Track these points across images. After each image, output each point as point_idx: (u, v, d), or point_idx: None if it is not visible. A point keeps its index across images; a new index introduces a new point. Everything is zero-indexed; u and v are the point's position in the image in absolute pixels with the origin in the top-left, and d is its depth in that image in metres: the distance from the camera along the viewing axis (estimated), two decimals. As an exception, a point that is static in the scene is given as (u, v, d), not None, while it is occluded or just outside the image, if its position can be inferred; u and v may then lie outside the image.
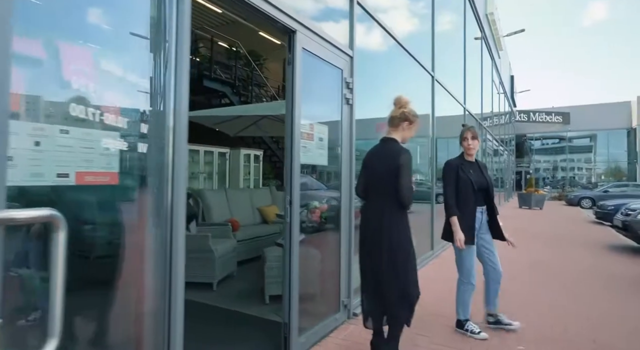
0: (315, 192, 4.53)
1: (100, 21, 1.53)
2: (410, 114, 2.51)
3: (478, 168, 3.09)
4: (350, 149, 3.32)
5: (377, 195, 2.44)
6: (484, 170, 3.11)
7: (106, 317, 1.55)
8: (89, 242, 1.48)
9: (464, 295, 3.05)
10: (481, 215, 3.06)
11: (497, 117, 17.16)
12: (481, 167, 3.12)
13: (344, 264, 3.24)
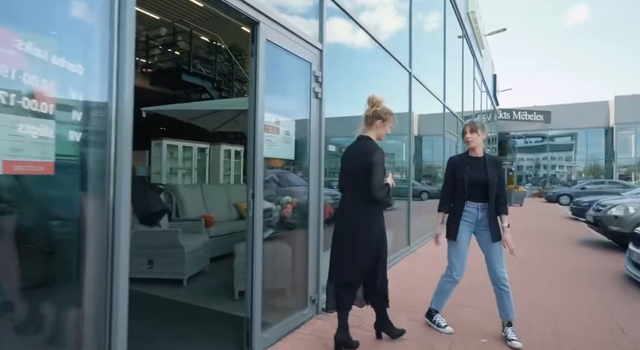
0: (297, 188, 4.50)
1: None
2: (383, 112, 2.63)
3: (482, 164, 2.89)
4: (320, 143, 3.29)
5: (351, 191, 2.60)
6: (489, 166, 2.87)
7: (35, 318, 1.49)
8: (18, 236, 1.42)
9: (442, 286, 3.10)
10: (477, 212, 2.90)
11: (482, 115, 17.39)
12: (487, 163, 2.89)
13: (312, 259, 3.22)
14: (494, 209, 2.88)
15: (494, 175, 2.88)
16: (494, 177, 2.87)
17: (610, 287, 4.24)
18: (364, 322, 3.08)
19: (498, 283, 2.86)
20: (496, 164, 2.93)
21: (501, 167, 2.92)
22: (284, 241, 3.37)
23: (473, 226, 2.94)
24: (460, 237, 2.95)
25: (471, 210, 2.94)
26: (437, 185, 9.50)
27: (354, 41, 4.76)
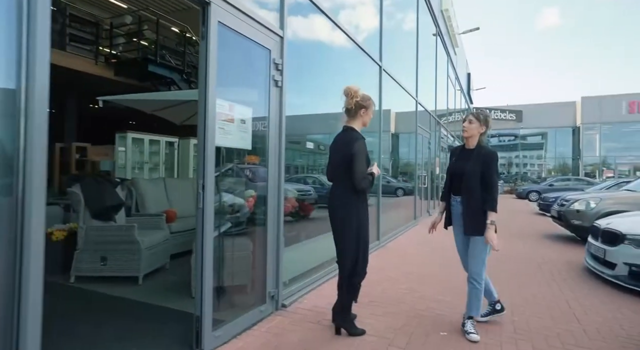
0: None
1: None
2: (364, 100, 2.69)
3: (469, 155, 2.76)
4: (280, 134, 3.17)
5: (336, 180, 2.74)
6: (474, 158, 2.72)
7: None
8: None
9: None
10: (457, 205, 2.80)
11: (457, 113, 17.66)
12: (474, 155, 2.73)
13: (271, 255, 3.10)
14: (474, 203, 2.68)
15: (475, 167, 2.68)
16: (474, 169, 2.68)
17: (570, 279, 4.32)
18: (323, 318, 3.00)
19: (469, 277, 2.79)
20: (485, 157, 2.69)
21: (491, 161, 2.68)
22: (244, 236, 3.25)
23: (459, 220, 2.83)
24: (453, 231, 2.94)
25: (454, 203, 2.87)
26: (413, 182, 9.55)
27: (321, 33, 4.66)
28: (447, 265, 4.79)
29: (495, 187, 2.69)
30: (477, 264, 2.73)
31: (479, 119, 2.77)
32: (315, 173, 7.02)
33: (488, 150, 2.75)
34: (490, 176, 2.68)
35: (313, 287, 3.74)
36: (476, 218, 2.68)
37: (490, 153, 2.73)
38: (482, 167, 2.68)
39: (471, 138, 2.79)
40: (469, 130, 2.78)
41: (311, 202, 5.71)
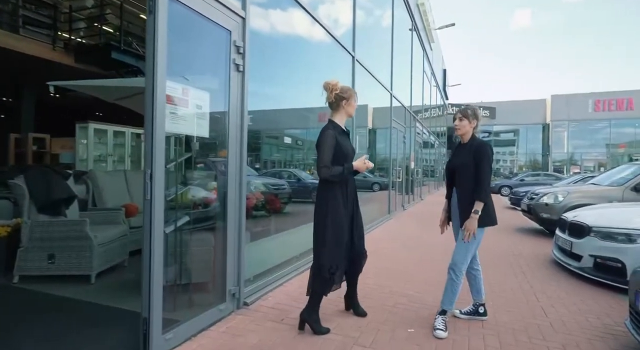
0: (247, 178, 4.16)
1: None
2: (343, 92, 2.70)
3: (464, 150, 2.76)
4: (242, 121, 2.98)
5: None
6: (466, 151, 2.73)
7: None
8: None
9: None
10: (454, 198, 2.84)
11: (432, 109, 17.82)
12: (467, 148, 2.74)
13: (232, 250, 2.92)
14: (464, 195, 2.68)
15: (466, 160, 2.69)
16: (465, 162, 2.69)
17: (538, 272, 4.34)
18: (287, 316, 2.85)
19: (450, 268, 2.76)
20: (476, 148, 2.68)
21: (481, 152, 2.64)
22: (204, 230, 3.05)
23: (457, 213, 2.79)
24: (452, 225, 2.93)
25: (454, 196, 2.86)
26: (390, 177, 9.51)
27: (291, 19, 4.47)
28: (419, 260, 4.74)
29: (485, 178, 2.63)
30: (460, 255, 2.69)
31: (469, 115, 2.76)
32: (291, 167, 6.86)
33: (479, 142, 2.74)
34: (479, 166, 2.64)
35: (280, 284, 3.59)
36: (466, 210, 2.65)
37: (480, 145, 2.71)
38: (475, 159, 2.66)
39: (465, 134, 2.79)
40: (462, 127, 2.77)
41: (285, 197, 5.56)
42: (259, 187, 4.52)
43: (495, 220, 2.70)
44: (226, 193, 2.89)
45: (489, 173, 2.65)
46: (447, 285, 2.74)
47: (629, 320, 2.50)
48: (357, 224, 2.76)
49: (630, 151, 26.27)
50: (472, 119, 2.76)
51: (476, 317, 2.90)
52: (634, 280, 2.44)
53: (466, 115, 2.75)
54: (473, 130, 2.78)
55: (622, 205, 5.05)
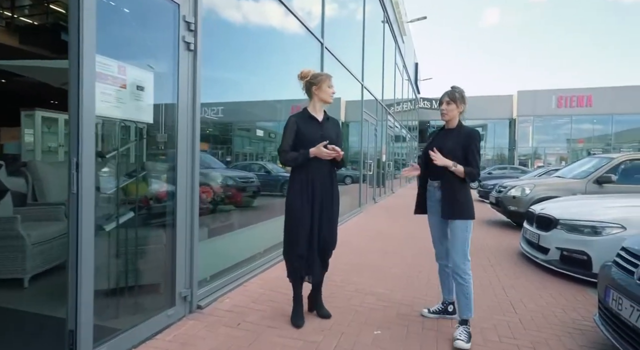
0: (209, 171, 3.85)
1: None
2: (313, 78, 2.62)
3: (449, 135, 2.54)
4: (194, 108, 2.68)
5: None
6: (453, 137, 2.49)
7: None
8: None
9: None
10: (434, 191, 2.58)
11: (404, 103, 17.86)
12: (454, 134, 2.52)
13: (182, 249, 2.63)
14: (453, 185, 2.45)
15: (455, 145, 2.45)
16: (454, 147, 2.45)
17: (506, 265, 4.31)
18: (244, 320, 2.61)
19: (453, 272, 2.52)
20: (467, 135, 2.47)
21: (473, 139, 2.46)
22: (151, 227, 2.74)
23: (438, 207, 2.56)
24: (429, 220, 2.71)
25: (430, 189, 2.64)
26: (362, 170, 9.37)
27: (254, 4, 4.17)
28: (388, 254, 4.61)
29: (478, 161, 2.47)
30: (458, 256, 2.46)
31: (456, 99, 2.53)
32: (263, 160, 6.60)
33: (469, 129, 2.54)
34: (474, 153, 2.45)
35: (240, 284, 3.33)
36: (456, 200, 2.46)
37: (472, 131, 2.52)
38: (464, 147, 2.45)
39: (452, 119, 2.57)
40: (449, 112, 2.54)
41: (253, 190, 5.29)
42: (219, 179, 4.22)
43: (474, 215, 2.52)
44: (176, 186, 2.60)
45: (479, 159, 2.50)
46: (457, 293, 2.50)
47: (597, 315, 2.43)
48: (326, 216, 2.58)
49: (588, 146, 27.53)
50: (460, 103, 2.53)
51: (445, 315, 2.75)
52: (603, 275, 2.37)
53: (454, 99, 2.52)
54: (460, 115, 2.57)
55: (587, 197, 5.11)
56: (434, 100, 28.78)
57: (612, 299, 2.16)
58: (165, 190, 2.75)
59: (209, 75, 3.08)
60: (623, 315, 2.02)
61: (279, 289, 3.22)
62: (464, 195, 2.48)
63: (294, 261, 2.55)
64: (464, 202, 2.46)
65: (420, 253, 4.66)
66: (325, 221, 2.58)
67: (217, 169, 4.33)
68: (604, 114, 26.75)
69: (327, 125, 2.67)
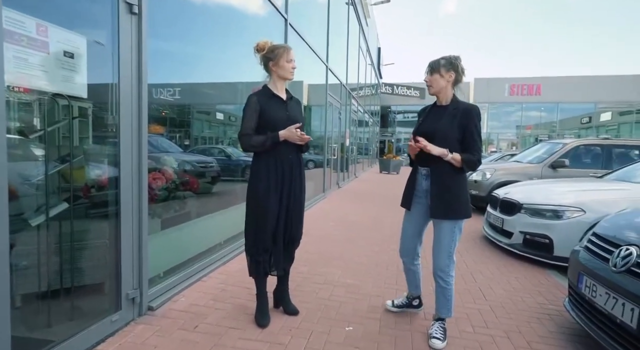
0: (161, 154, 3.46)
1: None
2: (269, 51, 2.32)
3: (442, 113, 2.17)
4: (139, 82, 2.30)
5: None
6: (448, 116, 2.12)
7: None
8: None
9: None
10: (422, 180, 2.24)
11: (367, 88, 17.76)
12: (448, 112, 2.14)
13: (128, 244, 2.30)
14: (444, 176, 2.13)
15: (449, 126, 2.09)
16: (448, 128, 2.09)
17: (472, 249, 4.32)
18: (202, 321, 2.35)
19: (434, 271, 2.25)
20: (464, 113, 2.10)
21: (473, 117, 2.10)
22: (90, 219, 2.37)
23: (423, 199, 2.26)
24: (409, 211, 2.36)
25: (418, 177, 2.28)
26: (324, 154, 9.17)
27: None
28: (355, 242, 4.48)
29: (480, 143, 2.14)
30: (442, 257, 2.19)
31: (440, 66, 2.14)
32: (223, 144, 6.22)
33: (467, 105, 2.15)
34: (473, 134, 2.10)
35: (198, 279, 3.04)
36: (446, 196, 2.12)
37: (471, 108, 2.14)
38: (461, 127, 2.10)
39: (441, 93, 2.19)
40: (433, 83, 2.17)
41: (213, 175, 4.94)
42: (174, 164, 3.84)
43: (470, 212, 2.21)
44: (119, 172, 2.25)
45: (481, 143, 2.14)
46: (437, 292, 2.27)
47: (567, 301, 2.42)
48: (295, 205, 2.36)
49: (535, 132, 29.14)
50: (447, 71, 2.13)
51: (409, 309, 2.57)
52: (575, 261, 2.34)
53: (437, 68, 2.13)
54: (452, 86, 2.19)
55: (546, 182, 5.21)
56: (395, 86, 29.04)
57: (586, 286, 2.13)
58: (106, 177, 2.38)
59: (160, 48, 2.71)
60: (598, 303, 1.99)
61: (241, 283, 2.98)
62: (459, 188, 2.14)
63: (259, 256, 2.31)
64: (458, 197, 2.13)
65: (388, 240, 4.58)
66: (293, 210, 2.36)
67: (173, 153, 3.95)
68: (551, 102, 28.34)
69: (291, 104, 2.41)
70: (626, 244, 2.00)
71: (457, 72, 2.17)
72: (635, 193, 3.82)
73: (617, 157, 6.48)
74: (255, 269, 2.34)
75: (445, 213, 2.14)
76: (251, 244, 2.32)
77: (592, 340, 2.25)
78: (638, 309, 1.72)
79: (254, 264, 2.34)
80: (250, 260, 2.38)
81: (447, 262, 2.21)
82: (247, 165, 5.73)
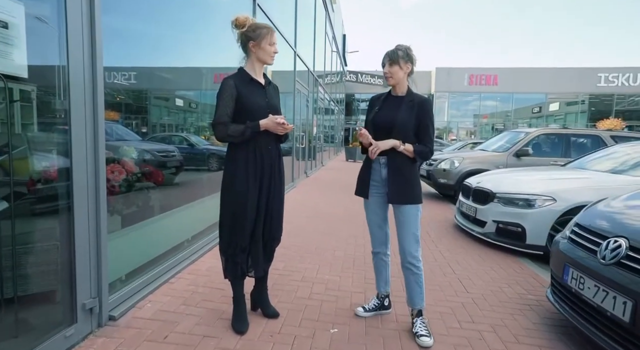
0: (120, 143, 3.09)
1: None
2: (251, 30, 2.06)
3: (399, 103, 2.17)
4: (93, 66, 1.98)
5: None
6: (406, 106, 2.14)
7: None
8: None
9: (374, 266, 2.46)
10: (380, 168, 2.20)
11: (332, 75, 17.55)
12: (405, 102, 2.16)
13: (83, 246, 2.01)
14: (403, 164, 2.14)
15: (408, 117, 2.12)
16: (407, 119, 2.11)
17: (445, 239, 4.33)
18: (173, 330, 2.12)
19: (403, 260, 2.20)
20: (421, 105, 2.14)
21: (428, 109, 2.16)
22: (35, 220, 2.05)
23: (381, 187, 2.22)
24: (366, 201, 2.31)
25: (375, 166, 2.24)
26: (291, 143, 8.92)
27: None
28: (328, 234, 4.35)
29: (433, 136, 2.18)
30: (410, 242, 2.16)
31: (398, 58, 2.13)
32: (184, 132, 5.82)
33: (422, 97, 2.18)
34: (428, 126, 2.15)
35: (164, 281, 2.77)
36: (406, 182, 2.14)
37: (425, 101, 2.18)
38: (417, 118, 2.13)
39: (399, 84, 2.19)
40: (394, 74, 2.15)
41: (175, 165, 4.58)
42: (134, 154, 3.48)
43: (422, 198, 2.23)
44: (71, 165, 1.94)
45: (434, 134, 2.20)
46: (409, 282, 2.20)
47: (550, 292, 2.42)
48: (275, 200, 2.18)
49: (491, 121, 30.43)
50: (405, 63, 2.14)
51: (381, 311, 2.42)
52: (558, 252, 2.33)
53: (395, 60, 2.13)
54: (408, 78, 2.20)
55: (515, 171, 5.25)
56: (359, 74, 29.06)
57: (572, 278, 2.11)
58: (55, 168, 2.06)
59: (112, 26, 2.37)
60: (585, 295, 1.98)
61: (213, 283, 2.76)
62: (415, 176, 2.19)
63: (236, 256, 2.10)
64: (416, 184, 2.17)
65: (361, 232, 4.49)
66: (273, 206, 2.16)
67: (130, 141, 3.60)
68: (506, 92, 29.60)
69: (269, 90, 2.19)
70: (614, 235, 1.99)
71: (412, 63, 2.19)
72: (596, 181, 3.96)
73: (574, 146, 6.79)
74: (232, 270, 2.14)
75: (407, 198, 2.14)
76: (227, 243, 2.11)
77: (576, 331, 2.27)
78: (630, 302, 1.70)
79: (231, 266, 2.13)
80: (225, 261, 2.17)
81: (416, 246, 2.18)
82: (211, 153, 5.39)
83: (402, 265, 2.22)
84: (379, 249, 2.35)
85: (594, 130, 7.38)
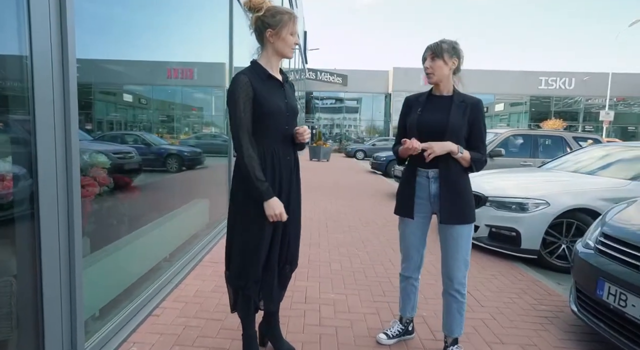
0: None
1: None
2: (269, 15, 1.68)
3: (446, 104, 1.89)
4: (63, 51, 1.54)
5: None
6: (457, 108, 1.86)
7: None
8: None
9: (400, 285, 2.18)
10: (428, 183, 1.92)
11: (293, 72, 17.17)
12: (455, 105, 1.87)
13: (54, 280, 1.57)
14: (459, 176, 1.88)
15: (461, 120, 1.85)
16: (460, 123, 1.85)
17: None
18: None
19: (447, 286, 1.97)
20: (474, 107, 1.88)
21: (481, 112, 1.90)
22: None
23: (427, 204, 1.96)
24: (405, 221, 2.04)
25: (421, 180, 1.95)
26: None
27: None
28: (316, 245, 4.06)
29: (485, 148, 1.93)
30: (460, 268, 1.92)
31: (442, 52, 1.85)
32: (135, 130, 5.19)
33: (475, 98, 1.92)
34: (482, 132, 1.89)
35: (148, 313, 2.32)
36: (461, 198, 1.87)
37: (480, 102, 1.92)
38: (470, 122, 1.87)
39: (442, 82, 1.91)
40: (436, 70, 1.87)
41: (134, 168, 4.01)
42: (99, 159, 2.94)
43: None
44: (37, 179, 1.49)
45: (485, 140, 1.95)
46: (451, 310, 1.97)
47: (574, 305, 2.32)
48: (294, 222, 1.85)
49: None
50: (450, 57, 1.87)
51: (405, 337, 2.20)
52: (587, 265, 2.22)
53: (439, 53, 1.85)
54: (453, 76, 1.94)
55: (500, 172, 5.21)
56: (319, 72, 28.86)
57: (609, 294, 2.01)
58: (10, 178, 1.58)
59: None
60: (630, 314, 1.87)
61: (206, 312, 2.37)
62: (469, 190, 1.93)
63: (248, 289, 1.76)
64: (471, 200, 1.92)
65: (349, 240, 4.25)
66: (291, 227, 1.84)
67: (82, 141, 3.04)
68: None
69: (288, 89, 1.86)
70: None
71: (458, 58, 1.92)
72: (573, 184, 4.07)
73: (541, 146, 7.05)
74: (244, 306, 1.79)
75: (464, 217, 1.89)
76: (238, 274, 1.76)
77: (606, 343, 2.18)
78: (691, 325, 1.60)
79: (242, 300, 1.79)
80: (234, 293, 1.82)
81: (465, 272, 1.96)
82: (170, 153, 4.78)
83: (444, 291, 2.00)
84: (411, 274, 2.11)
85: (558, 132, 7.73)
